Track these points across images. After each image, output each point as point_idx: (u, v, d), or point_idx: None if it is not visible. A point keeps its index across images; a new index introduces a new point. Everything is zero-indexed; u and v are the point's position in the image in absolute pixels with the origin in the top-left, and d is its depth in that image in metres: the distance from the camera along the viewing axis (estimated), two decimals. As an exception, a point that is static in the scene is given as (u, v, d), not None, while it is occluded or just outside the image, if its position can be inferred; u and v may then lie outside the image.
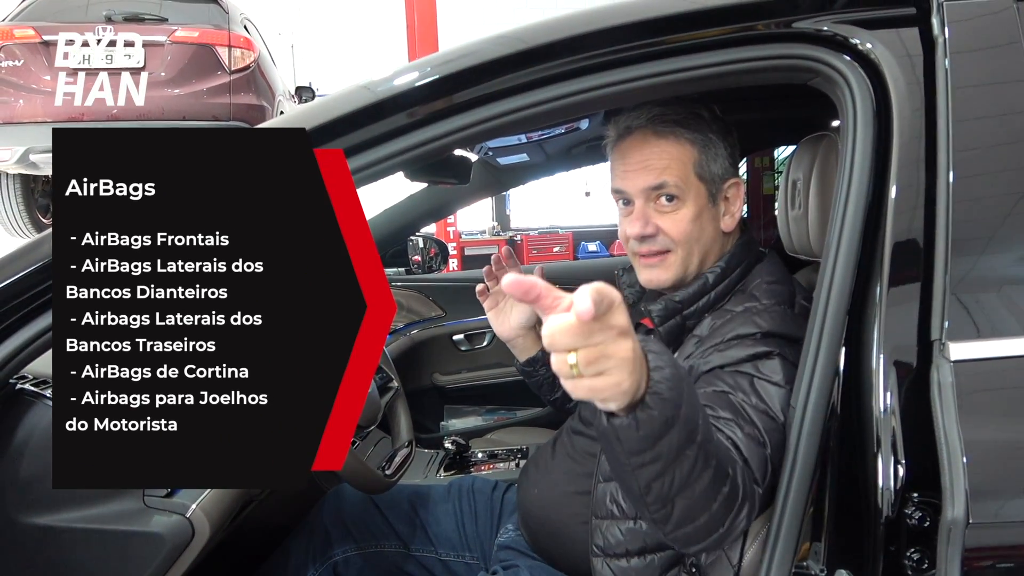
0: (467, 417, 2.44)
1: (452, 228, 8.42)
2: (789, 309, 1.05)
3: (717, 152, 1.11)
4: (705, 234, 1.11)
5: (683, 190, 1.09)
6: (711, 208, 1.11)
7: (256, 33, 5.11)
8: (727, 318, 1.05)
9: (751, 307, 1.05)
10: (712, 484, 0.80)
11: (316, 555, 1.39)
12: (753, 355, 0.98)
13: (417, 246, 2.47)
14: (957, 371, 0.79)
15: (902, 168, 0.87)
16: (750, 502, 0.86)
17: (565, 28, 0.95)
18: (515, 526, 1.34)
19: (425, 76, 0.94)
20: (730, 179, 1.12)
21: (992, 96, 0.88)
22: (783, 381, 0.95)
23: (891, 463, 0.80)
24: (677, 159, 1.09)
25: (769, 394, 0.94)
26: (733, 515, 0.85)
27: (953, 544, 0.75)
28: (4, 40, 4.28)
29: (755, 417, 0.92)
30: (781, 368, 0.96)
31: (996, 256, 0.86)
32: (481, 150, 2.08)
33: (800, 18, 0.92)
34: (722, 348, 1.01)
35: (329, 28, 10.09)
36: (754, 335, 1.00)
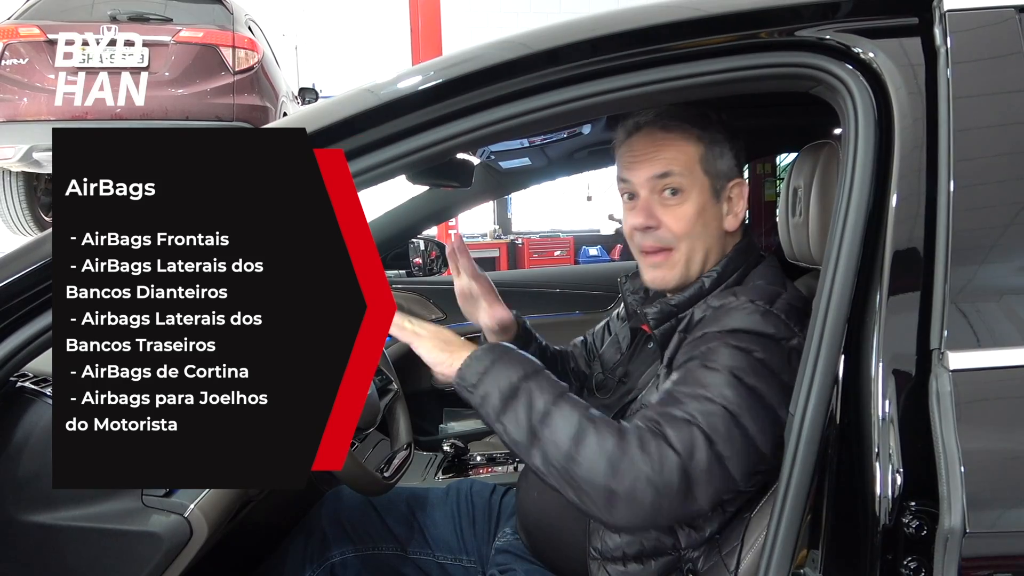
0: (466, 420, 2.43)
1: (453, 231, 8.42)
2: (767, 306, 1.02)
3: (723, 150, 1.11)
4: (708, 231, 1.11)
5: (688, 182, 1.09)
6: (715, 205, 1.11)
7: (260, 34, 5.12)
8: (704, 314, 1.05)
9: (726, 302, 1.04)
10: (579, 431, 0.92)
11: (314, 556, 1.39)
12: (709, 348, 0.99)
13: (418, 249, 2.47)
14: (956, 380, 0.79)
15: (903, 177, 0.87)
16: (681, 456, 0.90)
17: (568, 34, 0.96)
18: (513, 530, 1.34)
19: (429, 80, 0.95)
20: (735, 179, 1.13)
21: (994, 106, 0.89)
22: (723, 367, 0.96)
23: (889, 471, 0.80)
24: (683, 151, 1.09)
25: (703, 380, 0.95)
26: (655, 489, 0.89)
27: (950, 553, 0.75)
28: (9, 39, 4.30)
29: (686, 399, 0.94)
30: (730, 358, 0.96)
31: (996, 266, 0.86)
32: (483, 154, 2.08)
33: (803, 26, 0.92)
34: (690, 348, 1.02)
35: (333, 29, 10.11)
36: (719, 332, 1.00)
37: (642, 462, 0.90)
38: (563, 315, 2.46)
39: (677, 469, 0.90)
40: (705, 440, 0.91)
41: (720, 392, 0.94)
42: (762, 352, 0.98)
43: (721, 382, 0.95)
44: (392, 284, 2.50)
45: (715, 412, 0.93)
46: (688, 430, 0.92)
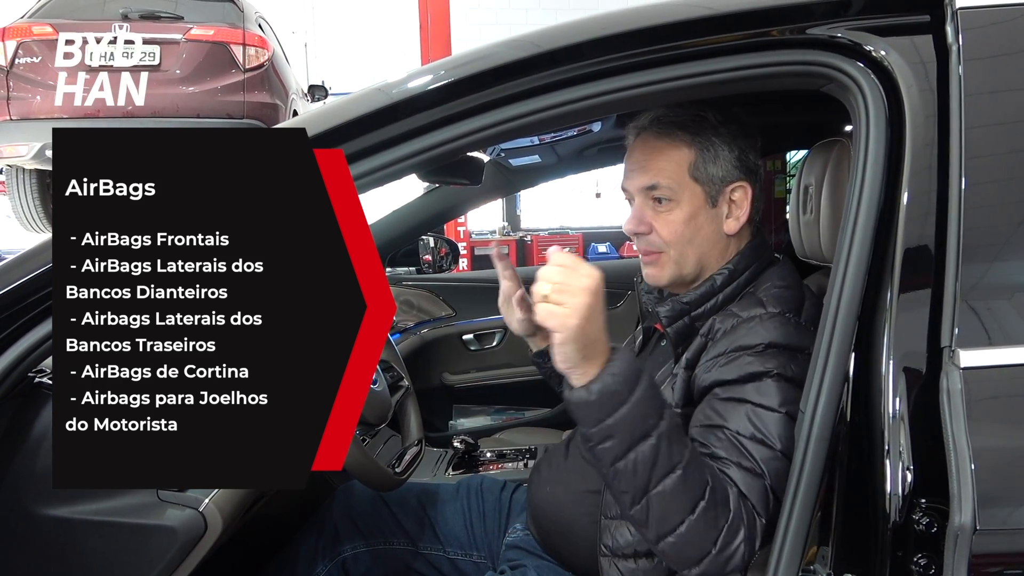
0: (476, 417, 2.44)
1: (463, 228, 8.43)
2: (796, 317, 1.05)
3: (718, 154, 1.11)
4: (700, 235, 1.12)
5: (676, 192, 1.11)
6: (709, 210, 1.12)
7: (270, 31, 5.14)
8: (732, 323, 1.06)
9: (757, 314, 1.05)
10: (685, 488, 0.89)
11: (325, 551, 1.40)
12: (751, 374, 0.99)
13: (428, 246, 2.48)
14: (967, 378, 0.80)
15: (914, 174, 0.87)
16: (747, 527, 0.91)
17: (579, 32, 0.96)
18: (523, 526, 1.34)
19: (440, 79, 0.95)
20: (735, 182, 1.12)
21: (1005, 103, 0.88)
22: (779, 405, 0.97)
23: (899, 469, 0.80)
24: (673, 161, 1.11)
25: (764, 422, 0.96)
26: (724, 535, 0.90)
27: (960, 550, 0.75)
28: (22, 37, 4.33)
29: (751, 448, 0.95)
30: (778, 392, 0.98)
31: (1008, 263, 0.86)
32: (493, 151, 2.09)
33: (815, 24, 0.92)
34: (723, 362, 1.02)
35: (342, 27, 10.13)
36: (756, 347, 1.01)
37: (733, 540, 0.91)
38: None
39: (759, 528, 0.93)
40: (771, 492, 0.94)
41: (778, 435, 0.96)
42: (797, 368, 0.99)
43: (774, 422, 0.97)
44: (402, 281, 2.52)
45: (774, 457, 0.95)
46: (759, 484, 0.94)
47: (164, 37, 4.42)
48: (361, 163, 0.95)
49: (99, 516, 0.98)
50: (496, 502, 1.44)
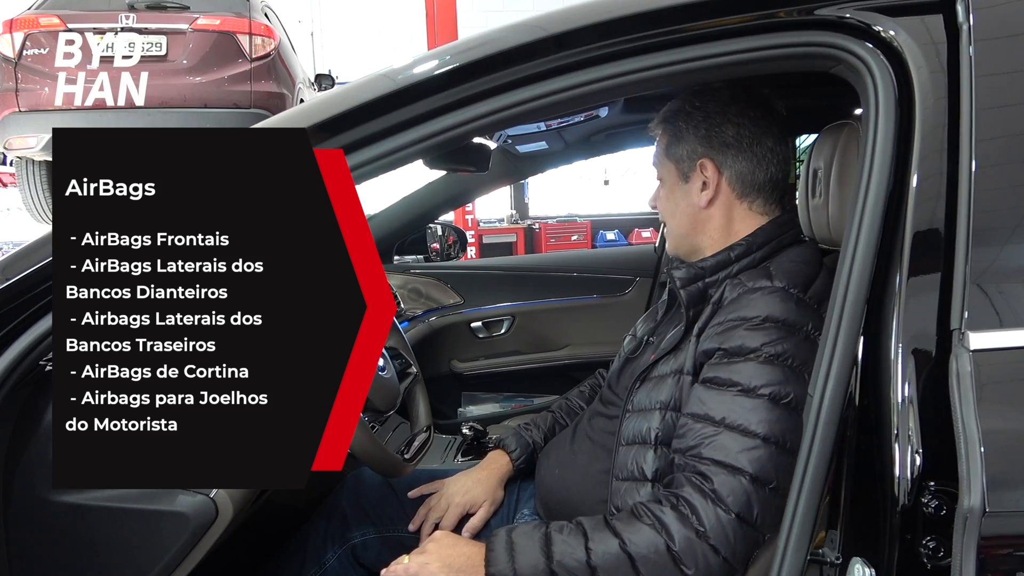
0: (484, 404, 2.45)
1: (470, 216, 8.43)
2: (801, 293, 1.07)
3: (681, 135, 1.21)
4: (679, 209, 1.23)
5: (662, 171, 1.25)
6: (683, 185, 1.22)
7: (276, 21, 5.13)
8: (739, 292, 1.09)
9: (762, 287, 1.08)
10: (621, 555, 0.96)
11: (335, 537, 1.41)
12: (740, 348, 1.03)
13: (436, 234, 2.48)
14: (976, 360, 0.79)
15: (924, 157, 0.86)
16: (733, 528, 0.95)
17: (584, 16, 0.95)
18: (531, 511, 1.35)
19: (445, 64, 0.95)
20: (700, 158, 1.19)
21: (1017, 84, 0.87)
22: (763, 388, 1.00)
23: (908, 452, 0.80)
24: (661, 144, 1.26)
25: (746, 410, 1.00)
26: (718, 553, 0.95)
27: (969, 533, 0.75)
28: (30, 28, 4.33)
29: (729, 443, 0.99)
30: (762, 373, 1.01)
31: (1019, 245, 0.85)
32: (500, 138, 2.08)
33: (822, 5, 0.91)
34: (719, 330, 1.07)
35: (348, 15, 10.11)
36: (754, 319, 1.05)
37: (698, 543, 0.95)
38: (580, 299, 2.45)
39: (732, 525, 0.96)
40: (754, 483, 0.96)
41: (760, 420, 0.99)
42: (789, 346, 1.01)
43: (761, 407, 0.99)
44: (411, 269, 2.52)
45: (756, 446, 0.97)
46: (736, 481, 0.96)
47: (170, 27, 4.41)
48: (367, 150, 0.94)
49: (111, 502, 0.99)
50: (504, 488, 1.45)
